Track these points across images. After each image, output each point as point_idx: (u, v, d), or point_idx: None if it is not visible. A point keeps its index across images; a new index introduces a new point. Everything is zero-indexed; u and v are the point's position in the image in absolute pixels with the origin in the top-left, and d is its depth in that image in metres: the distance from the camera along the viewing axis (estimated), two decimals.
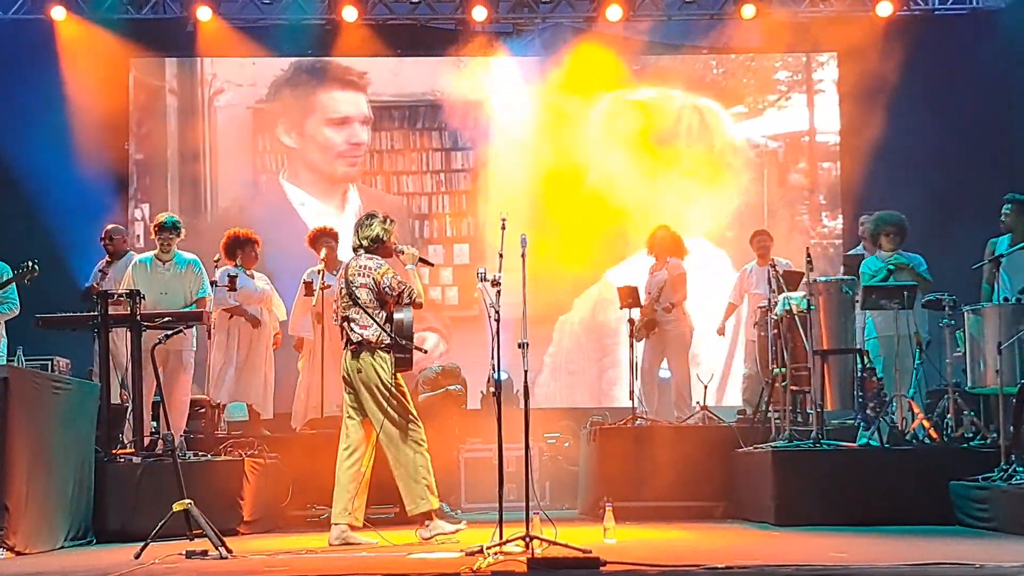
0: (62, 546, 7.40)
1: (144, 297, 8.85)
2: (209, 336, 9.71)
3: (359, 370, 7.51)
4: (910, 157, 12.41)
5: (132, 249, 11.48)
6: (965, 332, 8.89)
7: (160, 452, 8.47)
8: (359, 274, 7.58)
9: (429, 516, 7.54)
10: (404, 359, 7.52)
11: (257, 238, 10.53)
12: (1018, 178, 10.94)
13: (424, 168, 13.55)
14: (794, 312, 9.08)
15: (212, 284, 9.80)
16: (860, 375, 8.82)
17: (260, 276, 10.57)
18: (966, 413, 9.13)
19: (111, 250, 10.42)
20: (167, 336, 8.08)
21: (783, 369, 9.25)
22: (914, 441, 8.91)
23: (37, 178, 12.14)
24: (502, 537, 6.43)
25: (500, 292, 6.87)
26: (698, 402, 10.49)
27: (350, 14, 12.86)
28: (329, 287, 10.16)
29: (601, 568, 5.67)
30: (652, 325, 10.60)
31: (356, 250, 7.73)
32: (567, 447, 11.48)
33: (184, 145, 13.35)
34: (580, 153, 13.04)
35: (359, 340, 7.52)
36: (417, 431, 7.57)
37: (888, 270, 9.66)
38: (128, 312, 8.69)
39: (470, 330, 13.00)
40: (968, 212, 11.70)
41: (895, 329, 9.32)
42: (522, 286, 6.79)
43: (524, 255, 6.82)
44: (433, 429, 7.82)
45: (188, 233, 9.91)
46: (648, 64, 13.42)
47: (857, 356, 9.00)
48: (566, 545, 6.26)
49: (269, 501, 9.09)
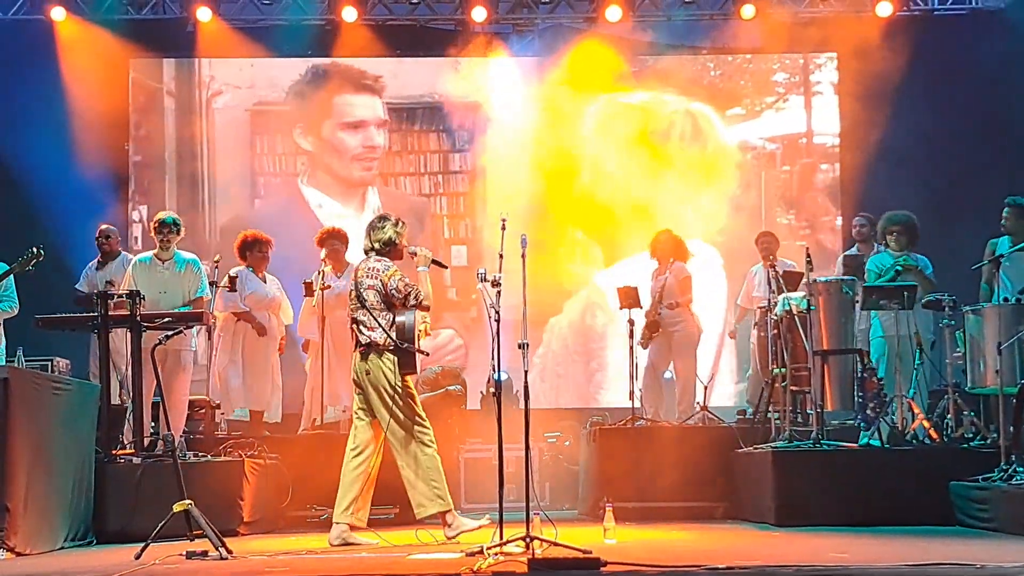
0: (62, 547, 7.39)
1: (144, 297, 8.84)
2: (209, 336, 9.70)
3: (367, 372, 7.53)
4: (910, 157, 12.39)
5: (131, 250, 11.53)
6: (965, 332, 8.90)
7: (160, 453, 8.47)
8: (367, 276, 7.59)
9: (447, 516, 7.53)
10: (407, 362, 7.51)
11: (266, 238, 10.44)
12: (1018, 179, 10.93)
13: (422, 170, 13.53)
14: (794, 312, 9.08)
15: (212, 285, 9.79)
16: (860, 375, 8.82)
17: (272, 279, 10.49)
18: (966, 413, 9.13)
19: (107, 250, 10.42)
20: (167, 337, 8.07)
21: (783, 369, 9.25)
22: (914, 441, 8.91)
23: (37, 178, 12.11)
24: (502, 537, 6.44)
25: (500, 292, 6.89)
26: (698, 402, 10.49)
27: (350, 15, 12.85)
28: (329, 287, 10.17)
29: (601, 568, 5.67)
30: (655, 327, 10.58)
31: (367, 252, 7.73)
32: (568, 446, 11.47)
33: (182, 147, 13.32)
34: (578, 155, 13.01)
35: (367, 342, 7.53)
36: (425, 433, 7.57)
37: (896, 271, 9.65)
38: (128, 312, 8.68)
39: (469, 330, 13.01)
40: (968, 212, 11.69)
41: (897, 329, 9.34)
42: (522, 287, 6.79)
43: (524, 256, 6.82)
44: (433, 429, 7.80)
45: (187, 233, 9.90)
46: (647, 65, 13.39)
47: (857, 356, 9.01)
48: (566, 546, 6.26)
49: (269, 502, 9.09)
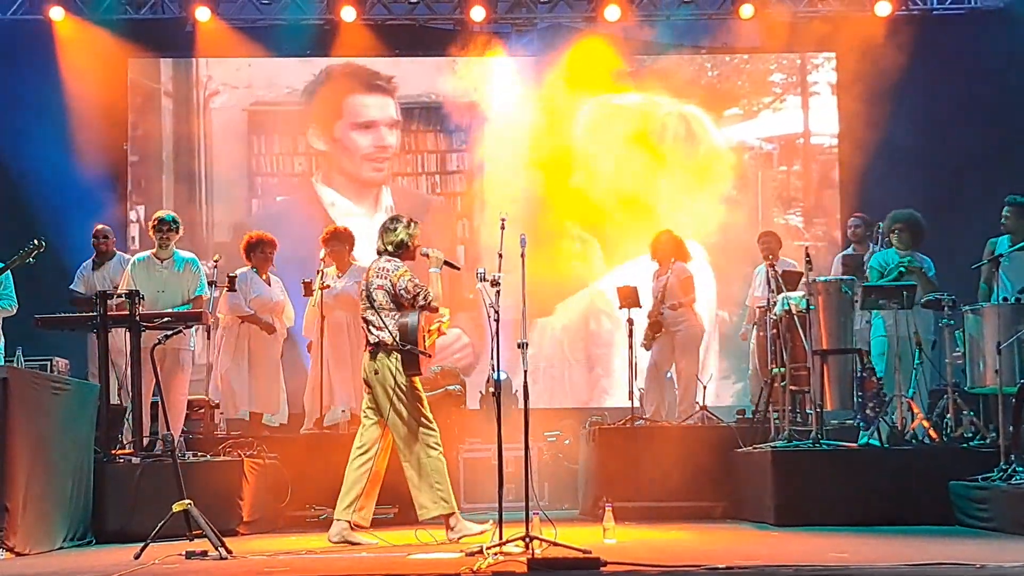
0: (61, 547, 7.38)
1: (143, 297, 8.83)
2: (208, 336, 9.69)
3: (376, 371, 7.54)
4: (908, 157, 12.38)
5: (128, 250, 11.52)
6: (964, 332, 8.90)
7: (159, 452, 8.47)
8: (377, 276, 7.61)
9: (450, 518, 7.54)
10: (410, 362, 7.50)
11: (270, 239, 10.41)
12: (1017, 179, 10.92)
13: (419, 170, 13.53)
14: (793, 312, 9.08)
15: (211, 284, 9.79)
16: (859, 375, 8.82)
17: (276, 280, 10.47)
18: (966, 413, 9.13)
19: (104, 249, 10.41)
20: (166, 336, 8.07)
21: (782, 369, 9.25)
22: (914, 441, 8.91)
23: (35, 178, 12.10)
24: (502, 537, 6.44)
25: (500, 292, 6.89)
26: (697, 402, 10.49)
27: (349, 14, 12.84)
28: (328, 287, 10.16)
29: (601, 568, 5.66)
30: (657, 328, 10.57)
31: (380, 253, 7.74)
32: (568, 444, 11.47)
33: (179, 146, 13.31)
34: (574, 156, 12.99)
35: (376, 341, 7.55)
36: (431, 435, 7.58)
37: (900, 271, 9.63)
38: (127, 312, 8.67)
39: (468, 331, 13.00)
40: (967, 212, 11.69)
41: (896, 329, 9.34)
42: (521, 287, 6.79)
43: (523, 255, 6.82)
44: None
45: (185, 233, 9.90)
46: (645, 65, 13.37)
47: (856, 356, 9.00)
48: (566, 545, 6.26)
49: (268, 501, 9.08)
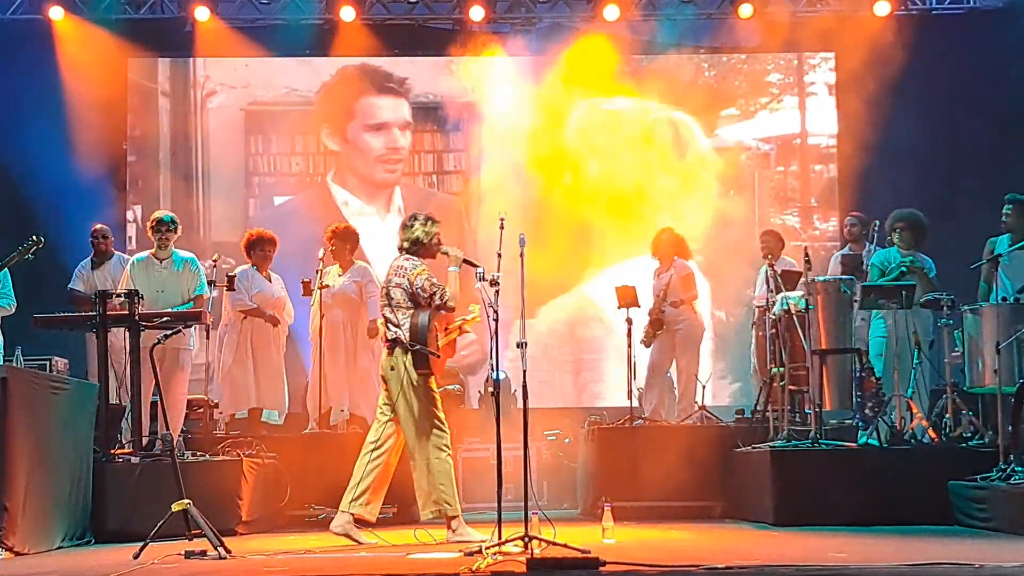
0: (60, 546, 7.39)
1: (142, 297, 8.83)
2: (207, 336, 9.69)
3: (392, 367, 7.58)
4: (907, 156, 12.37)
5: (125, 250, 11.52)
6: (963, 332, 8.90)
7: (158, 452, 8.46)
8: (395, 274, 7.67)
9: (452, 521, 7.54)
10: (420, 361, 7.52)
11: (270, 237, 10.39)
12: (1017, 177, 10.92)
13: (417, 170, 13.52)
14: (792, 312, 9.09)
15: (210, 284, 9.79)
16: (858, 375, 8.82)
17: (276, 278, 10.46)
18: (964, 413, 9.13)
19: (103, 249, 10.41)
20: (166, 336, 8.06)
21: (781, 369, 9.25)
22: (913, 441, 8.91)
23: (34, 178, 12.09)
24: (501, 537, 6.44)
25: (499, 292, 6.89)
26: (696, 402, 10.49)
27: (348, 14, 12.84)
28: (327, 287, 10.16)
29: (600, 568, 5.67)
30: (659, 325, 10.57)
31: (400, 251, 7.79)
32: (568, 443, 11.47)
33: (177, 147, 13.30)
34: (570, 157, 12.96)
35: (393, 338, 7.59)
36: (442, 436, 7.60)
37: (901, 271, 9.63)
38: (126, 311, 8.67)
39: (475, 328, 12.94)
40: (966, 211, 11.69)
41: (895, 329, 9.34)
42: (520, 286, 6.79)
43: (523, 255, 6.83)
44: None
45: (182, 233, 9.90)
46: (643, 65, 13.35)
47: (855, 356, 9.00)
48: (565, 545, 6.26)
49: (267, 501, 9.08)
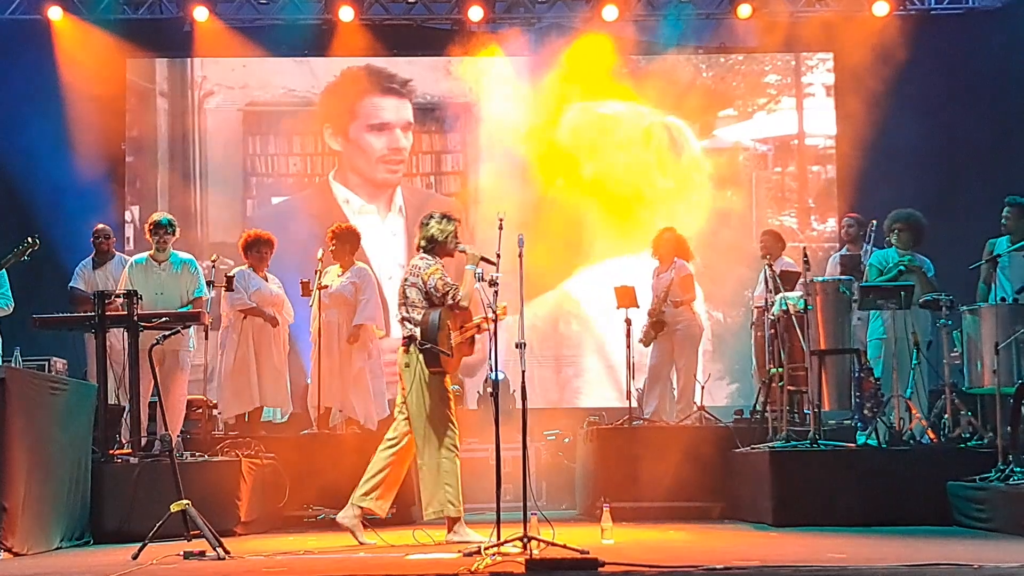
0: (59, 547, 7.38)
1: (141, 298, 8.83)
2: (206, 336, 9.69)
3: (407, 364, 7.61)
4: (905, 157, 12.38)
5: (124, 251, 11.51)
6: (962, 332, 8.90)
7: (157, 453, 8.46)
8: (411, 273, 7.72)
9: (456, 522, 7.53)
10: (431, 360, 7.52)
11: (267, 237, 10.36)
12: (1016, 179, 10.93)
13: (414, 170, 13.52)
14: (791, 312, 9.08)
15: (208, 284, 9.79)
16: (857, 375, 8.82)
17: (273, 279, 10.45)
18: (963, 413, 9.13)
19: (104, 249, 10.41)
20: (164, 337, 8.06)
21: (780, 369, 9.25)
22: (912, 441, 8.91)
23: (33, 178, 12.11)
24: (500, 538, 6.44)
25: (498, 292, 6.89)
26: (695, 402, 10.49)
27: (347, 14, 12.85)
28: (326, 287, 10.15)
29: (599, 569, 5.67)
30: (660, 326, 10.55)
31: (417, 249, 7.85)
32: (567, 443, 11.47)
33: (174, 147, 13.31)
34: (569, 157, 12.94)
35: (408, 336, 7.62)
36: (452, 437, 7.60)
37: (899, 271, 9.63)
38: (125, 312, 8.67)
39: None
40: (964, 212, 11.71)
41: (894, 329, 9.34)
42: (519, 287, 6.78)
43: (521, 255, 6.83)
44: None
45: (180, 234, 9.89)
46: (642, 66, 13.35)
47: (854, 356, 9.00)
48: (564, 546, 6.27)
49: (266, 502, 9.08)
